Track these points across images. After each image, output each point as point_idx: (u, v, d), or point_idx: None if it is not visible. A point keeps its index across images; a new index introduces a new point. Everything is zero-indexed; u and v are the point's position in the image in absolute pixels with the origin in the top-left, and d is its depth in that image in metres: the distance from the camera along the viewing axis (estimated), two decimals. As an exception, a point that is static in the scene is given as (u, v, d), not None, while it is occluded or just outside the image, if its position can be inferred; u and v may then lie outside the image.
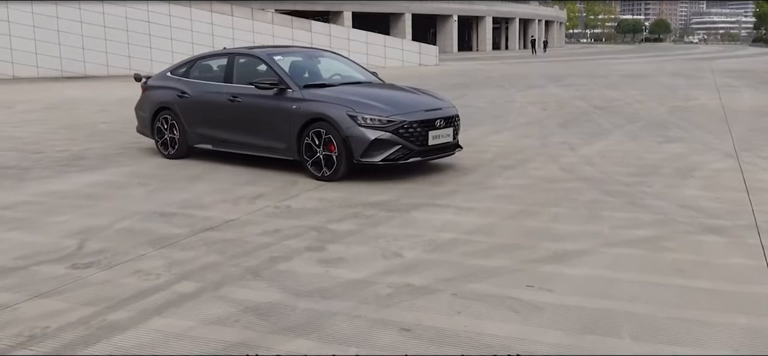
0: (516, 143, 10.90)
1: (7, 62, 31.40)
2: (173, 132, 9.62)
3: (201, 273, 4.97)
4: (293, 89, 8.40)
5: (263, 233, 5.99)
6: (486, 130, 12.43)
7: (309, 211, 6.74)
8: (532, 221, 6.29)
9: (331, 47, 38.00)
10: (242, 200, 7.23)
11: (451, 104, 8.78)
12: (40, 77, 30.95)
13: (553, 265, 5.08)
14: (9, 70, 31.35)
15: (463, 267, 5.03)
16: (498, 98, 18.62)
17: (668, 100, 17.51)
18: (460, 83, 24.44)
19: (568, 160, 9.33)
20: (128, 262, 5.25)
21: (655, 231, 5.92)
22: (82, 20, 32.39)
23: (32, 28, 31.57)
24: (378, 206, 6.87)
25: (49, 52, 31.83)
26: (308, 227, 6.14)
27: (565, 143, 10.72)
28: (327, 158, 8.02)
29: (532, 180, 8.06)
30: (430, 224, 6.21)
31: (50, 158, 9.93)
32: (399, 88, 9.24)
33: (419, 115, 8.09)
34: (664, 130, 12.09)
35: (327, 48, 35.28)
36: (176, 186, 7.98)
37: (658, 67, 35.13)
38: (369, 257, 5.31)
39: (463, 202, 7.02)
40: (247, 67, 9.09)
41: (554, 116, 14.52)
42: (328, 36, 38.88)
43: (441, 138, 8.22)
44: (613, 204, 6.88)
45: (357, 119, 7.85)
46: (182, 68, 9.90)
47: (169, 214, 6.67)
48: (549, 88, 21.93)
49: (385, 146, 7.85)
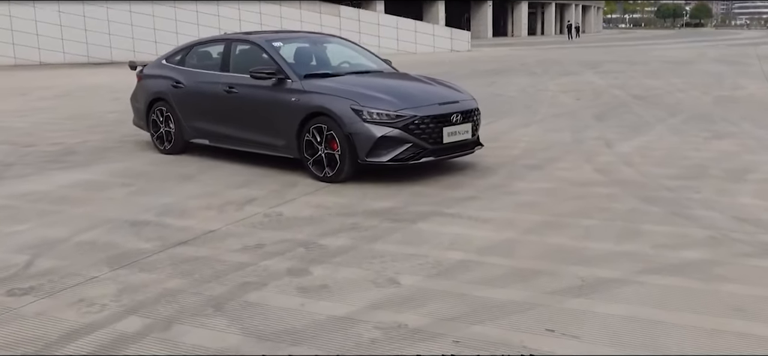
0: (545, 137, 9.90)
1: (34, 48, 31.11)
2: (169, 125, 8.83)
3: (154, 305, 4.14)
4: (293, 79, 7.52)
5: (242, 249, 5.14)
6: (513, 122, 11.43)
7: (301, 220, 5.87)
8: (558, 237, 5.34)
9: (361, 33, 37.16)
10: (230, 206, 6.39)
11: (470, 96, 7.83)
12: (67, 63, 30.60)
13: (582, 299, 4.14)
14: (35, 55, 31.06)
15: (470, 301, 4.13)
16: (529, 86, 17.54)
17: (713, 89, 16.26)
18: (490, 70, 23.36)
19: (602, 158, 8.32)
20: (75, 287, 4.44)
21: (706, 252, 4.94)
22: (108, 6, 31.96)
23: (58, 13, 31.21)
24: (380, 215, 5.97)
25: (75, 38, 31.47)
26: (296, 242, 5.28)
27: (600, 139, 9.69)
28: (329, 157, 7.14)
29: (560, 183, 7.09)
30: (438, 239, 5.30)
31: (40, 152, 9.22)
32: (412, 78, 8.31)
33: (433, 109, 7.15)
34: (710, 123, 10.97)
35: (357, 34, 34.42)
36: (162, 187, 7.18)
37: (701, 52, 33.52)
38: (359, 284, 4.43)
39: (478, 211, 6.09)
40: (245, 55, 8.23)
41: (589, 106, 13.44)
42: (358, 21, 37.99)
43: (458, 135, 7.28)
44: (655, 215, 5.90)
45: (362, 113, 6.95)
46: (178, 55, 9.09)
47: (141, 223, 5.86)
48: (585, 75, 20.75)
49: (393, 145, 6.94)
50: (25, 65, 29.85)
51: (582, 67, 23.82)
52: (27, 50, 30.72)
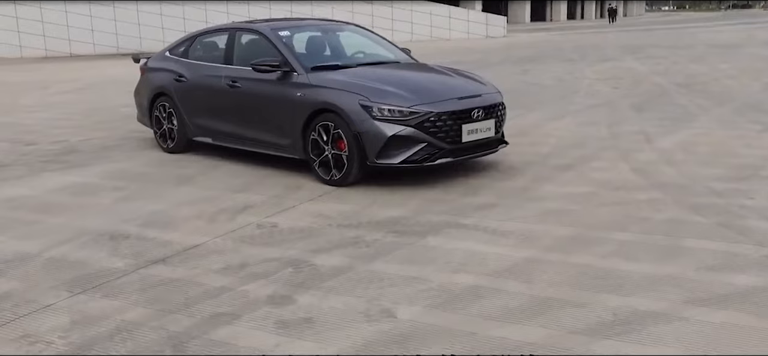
0: (579, 131, 9.11)
1: (64, 40, 31.00)
2: (172, 122, 8.26)
3: (104, 343, 3.54)
4: (298, 71, 6.88)
5: (224, 269, 4.53)
6: (545, 115, 10.63)
7: (297, 233, 5.24)
8: (587, 256, 4.61)
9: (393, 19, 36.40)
10: (223, 214, 5.79)
11: (494, 89, 7.10)
12: (97, 54, 30.43)
13: (614, 341, 3.43)
14: (66, 47, 30.95)
15: (478, 342, 3.45)
16: (566, 74, 16.64)
17: (764, 75, 15.19)
18: (525, 57, 22.41)
19: (641, 156, 7.53)
20: (24, 317, 3.87)
21: (764, 278, 4.17)
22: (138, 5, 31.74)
23: (88, 4, 31.06)
24: (386, 227, 5.31)
25: (105, 29, 31.28)
26: (284, 261, 4.64)
27: (640, 133, 8.87)
28: (336, 158, 6.50)
29: (593, 186, 6.34)
30: (447, 257, 4.62)
31: (39, 152, 8.74)
32: (431, 69, 7.60)
33: (451, 104, 6.45)
34: (762, 114, 10.05)
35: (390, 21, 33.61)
36: (156, 191, 6.61)
37: (750, 35, 31.99)
38: (348, 316, 3.78)
39: (498, 221, 5.38)
40: (250, 46, 7.61)
41: (628, 95, 12.56)
42: (390, 7, 37.19)
43: (479, 133, 6.57)
44: (702, 227, 5.13)
45: (372, 110, 6.27)
46: (181, 47, 8.50)
47: (121, 236, 5.28)
48: (625, 61, 19.73)
49: (405, 145, 6.26)
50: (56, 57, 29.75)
51: (622, 53, 22.76)
52: (57, 42, 30.60)
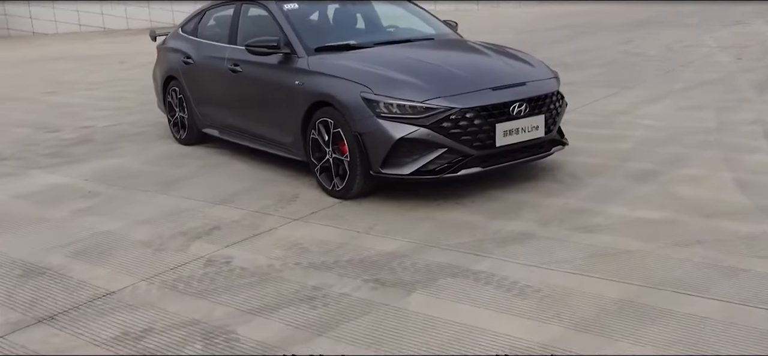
0: (677, 119, 7.27)
1: (167, 11, 31.02)
2: (183, 110, 7.16)
3: None
4: (299, 54, 5.54)
5: (114, 339, 3.30)
6: (641, 95, 8.75)
7: (247, 277, 3.93)
8: (640, 345, 3.03)
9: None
10: (179, 239, 4.57)
11: (548, 74, 5.47)
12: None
13: None
14: (170, 17, 30.96)
15: None
16: (677, 42, 14.30)
17: None
18: (632, 22, 19.56)
19: (753, 159, 5.69)
20: None
21: None
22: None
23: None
24: (369, 270, 3.90)
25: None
26: (199, 330, 3.35)
27: (757, 123, 6.93)
28: (338, 164, 5.13)
29: (675, 209, 4.64)
30: (425, 335, 3.17)
31: (52, 142, 7.88)
32: (467, 48, 5.99)
33: (480, 96, 4.89)
34: None
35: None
36: (129, 200, 5.50)
37: None
38: None
39: (523, 268, 3.85)
40: (255, 22, 6.32)
41: (753, 68, 10.36)
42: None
43: (521, 133, 4.99)
44: (828, 291, 3.41)
45: (376, 104, 4.84)
46: (192, 23, 7.34)
47: (36, 271, 4.17)
48: (754, 24, 16.99)
49: (419, 150, 4.79)
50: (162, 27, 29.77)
51: (753, 15, 19.83)
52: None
